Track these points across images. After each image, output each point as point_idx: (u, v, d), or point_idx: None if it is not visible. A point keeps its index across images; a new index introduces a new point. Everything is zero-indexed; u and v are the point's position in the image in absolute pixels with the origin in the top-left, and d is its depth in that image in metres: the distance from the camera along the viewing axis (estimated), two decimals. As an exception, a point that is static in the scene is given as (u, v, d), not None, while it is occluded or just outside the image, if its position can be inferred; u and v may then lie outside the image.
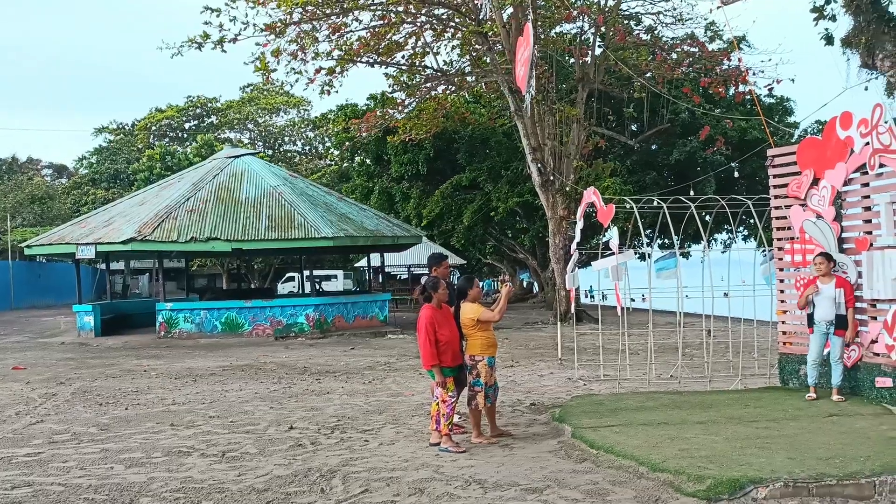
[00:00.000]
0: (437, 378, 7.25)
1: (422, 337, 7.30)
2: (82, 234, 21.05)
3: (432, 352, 7.22)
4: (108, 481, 6.30)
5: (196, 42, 21.18)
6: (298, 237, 20.53)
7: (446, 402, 7.27)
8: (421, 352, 7.35)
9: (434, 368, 7.24)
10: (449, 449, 7.15)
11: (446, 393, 7.27)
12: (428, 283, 7.54)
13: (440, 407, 7.31)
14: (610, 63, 23.61)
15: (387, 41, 23.88)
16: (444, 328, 7.35)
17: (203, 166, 25.10)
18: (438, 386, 7.28)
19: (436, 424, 7.40)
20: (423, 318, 7.32)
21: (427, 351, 7.23)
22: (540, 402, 9.66)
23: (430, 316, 7.31)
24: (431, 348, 7.22)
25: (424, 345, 7.26)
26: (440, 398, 7.31)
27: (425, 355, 7.27)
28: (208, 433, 8.17)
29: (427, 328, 7.23)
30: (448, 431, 7.26)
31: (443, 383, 7.24)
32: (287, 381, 12.25)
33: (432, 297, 7.44)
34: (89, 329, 21.37)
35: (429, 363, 7.25)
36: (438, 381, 7.24)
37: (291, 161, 53.88)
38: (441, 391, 7.28)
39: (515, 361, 14.01)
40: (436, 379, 7.27)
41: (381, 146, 31.76)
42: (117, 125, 57.36)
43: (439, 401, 7.32)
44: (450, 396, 7.27)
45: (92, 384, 12.19)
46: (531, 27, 10.43)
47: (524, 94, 10.98)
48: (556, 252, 23.05)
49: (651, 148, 30.07)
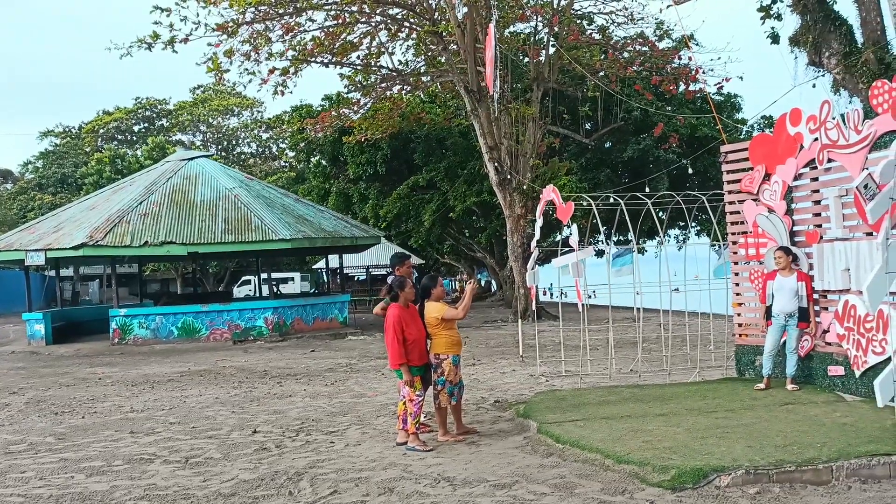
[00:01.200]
0: (404, 377, 7.26)
1: (389, 336, 7.30)
2: (31, 240, 20.51)
3: (400, 351, 7.22)
4: (70, 490, 6.17)
5: (146, 42, 20.80)
6: (256, 239, 20.33)
7: (413, 402, 7.28)
8: (388, 351, 7.34)
9: (402, 367, 7.24)
10: (416, 448, 7.17)
11: (413, 392, 7.28)
12: (395, 282, 7.54)
13: (407, 406, 7.33)
14: (564, 62, 23.86)
15: (341, 41, 23.76)
16: (412, 327, 7.36)
17: (156, 169, 24.67)
18: (406, 385, 7.29)
19: (402, 424, 7.42)
20: (390, 318, 7.32)
21: (395, 350, 7.23)
22: (503, 399, 9.73)
23: (398, 315, 7.31)
24: (399, 347, 7.22)
25: (392, 344, 7.25)
26: (407, 397, 7.32)
27: (393, 354, 7.27)
28: (170, 439, 8.06)
29: (395, 327, 7.23)
30: (415, 430, 7.28)
31: (410, 382, 7.25)
32: (248, 385, 12.13)
33: (399, 297, 7.43)
34: (40, 337, 20.84)
35: (396, 362, 7.26)
36: (406, 380, 7.25)
37: (245, 163, 53.22)
38: (408, 390, 7.29)
39: (477, 360, 14.08)
40: (403, 378, 7.28)
41: (337, 147, 31.57)
42: (63, 128, 55.99)
43: (406, 400, 7.33)
44: (417, 395, 7.29)
45: (45, 393, 11.90)
46: (494, 27, 10.51)
47: (492, 93, 11.06)
48: (514, 250, 23.21)
49: (605, 146, 30.46)
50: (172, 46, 20.69)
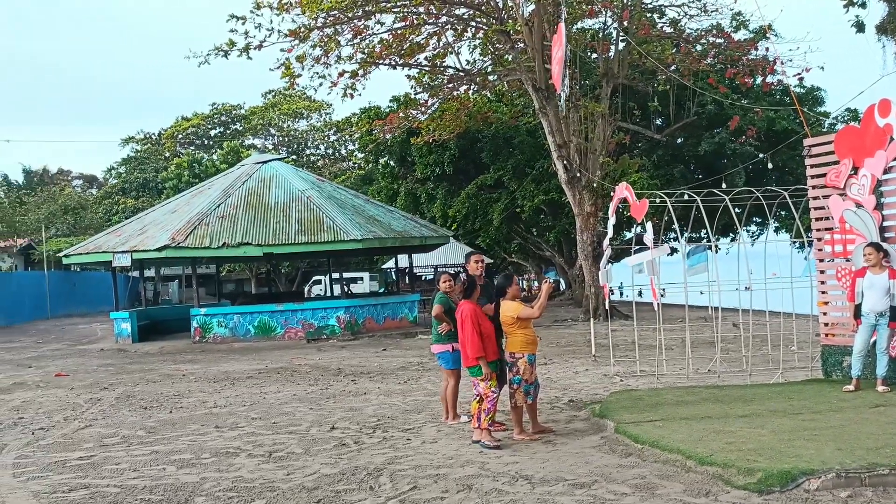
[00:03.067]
0: (483, 371, 7.27)
1: (466, 330, 7.32)
2: (118, 242, 21.38)
3: (479, 344, 7.25)
4: (162, 482, 6.43)
5: (222, 50, 21.42)
6: (328, 240, 20.70)
7: (489, 398, 7.30)
8: (466, 346, 7.36)
9: (480, 361, 7.26)
10: (486, 443, 7.19)
11: (489, 388, 7.30)
12: (469, 279, 7.59)
13: (484, 402, 7.34)
14: (634, 57, 23.51)
15: (408, 42, 23.99)
16: (485, 322, 7.40)
17: (232, 173, 25.38)
18: (484, 380, 7.30)
19: (476, 422, 7.44)
20: (466, 313, 7.36)
21: (474, 343, 7.25)
22: (578, 398, 9.67)
23: (474, 310, 7.36)
24: (478, 341, 7.24)
25: (471, 337, 7.27)
26: (483, 393, 7.34)
27: (473, 348, 7.28)
28: (252, 434, 8.29)
29: (472, 321, 7.27)
30: (487, 426, 7.29)
31: (489, 376, 7.27)
32: (323, 382, 12.36)
33: (473, 293, 7.47)
34: (126, 335, 21.70)
35: (474, 356, 7.27)
36: (485, 374, 7.27)
37: (315, 165, 54.22)
38: (484, 386, 7.31)
39: (548, 359, 14.01)
40: (483, 372, 7.29)
41: (405, 148, 31.86)
42: (144, 135, 58.06)
43: (482, 396, 7.35)
44: (492, 392, 7.31)
45: (134, 389, 12.40)
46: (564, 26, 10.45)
47: (559, 92, 11.00)
48: (584, 249, 22.99)
49: (677, 141, 29.89)
50: (247, 53, 21.26)
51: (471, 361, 7.40)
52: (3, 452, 7.85)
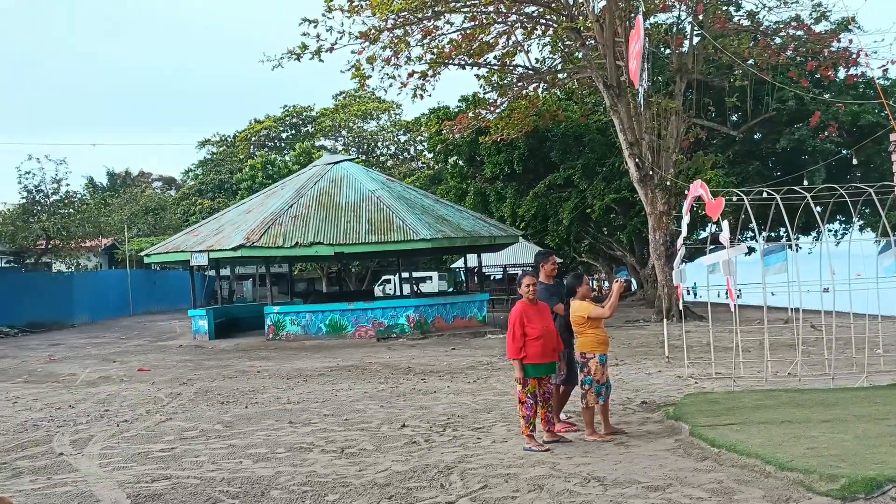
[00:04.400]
0: (516, 373, 7.24)
1: (508, 331, 7.34)
2: (195, 242, 22.07)
3: (514, 346, 7.22)
4: (239, 475, 6.61)
5: (295, 53, 21.87)
6: (398, 240, 20.88)
7: (524, 404, 7.22)
8: (507, 345, 7.39)
9: (515, 362, 7.23)
10: (532, 448, 7.11)
11: (524, 392, 7.21)
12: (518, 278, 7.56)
13: (518, 407, 7.29)
14: (709, 51, 22.97)
15: (478, 42, 24.00)
16: (536, 323, 7.27)
17: (304, 173, 25.87)
18: (517, 382, 7.25)
19: (546, 424, 7.35)
20: (512, 313, 7.36)
21: (509, 346, 7.29)
22: (651, 400, 9.50)
23: (520, 310, 7.30)
24: (514, 343, 7.22)
25: (507, 339, 7.32)
26: (518, 396, 7.28)
27: (508, 349, 7.34)
28: (325, 430, 8.43)
29: (514, 322, 7.23)
30: (529, 432, 7.22)
31: (521, 379, 7.20)
32: (393, 380, 12.47)
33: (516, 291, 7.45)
34: (204, 332, 22.36)
35: (510, 357, 7.29)
36: (517, 377, 7.23)
37: (384, 165, 54.81)
38: (519, 391, 7.24)
39: (620, 360, 13.80)
40: (516, 374, 7.25)
41: (474, 147, 31.91)
42: (220, 137, 59.77)
43: (518, 399, 7.28)
44: (528, 397, 7.20)
45: (211, 384, 12.78)
46: (642, 20, 10.29)
47: (637, 87, 10.84)
48: (656, 248, 22.57)
49: (754, 137, 29.04)
50: (319, 56, 21.65)
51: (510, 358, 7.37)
52: (90, 443, 8.20)
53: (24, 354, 20.22)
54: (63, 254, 35.22)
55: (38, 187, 33.74)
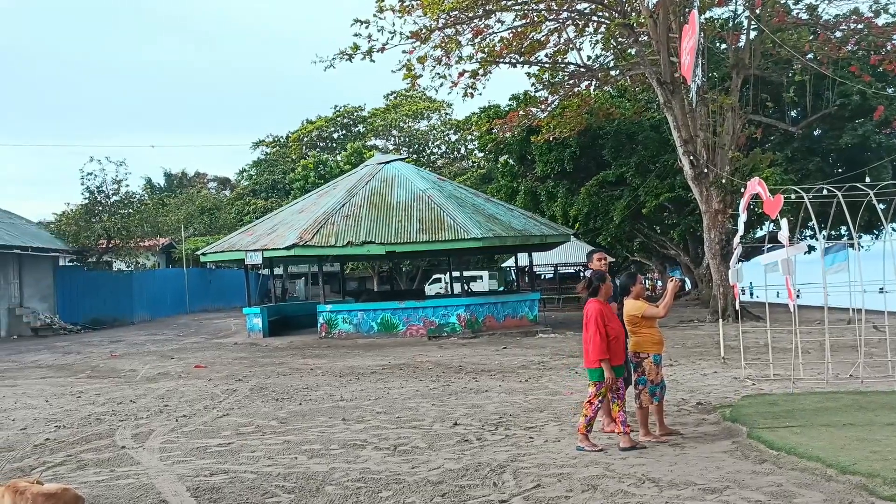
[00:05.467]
0: (606, 375, 7.04)
1: (590, 330, 7.09)
2: (250, 241, 22.47)
3: (603, 346, 7.02)
4: (294, 470, 6.71)
5: (346, 54, 22.09)
6: (448, 238, 20.92)
7: (592, 405, 7.10)
8: (588, 346, 7.14)
9: (603, 363, 7.04)
10: (585, 448, 7.01)
11: (596, 395, 7.09)
12: (594, 275, 7.42)
13: (584, 407, 7.16)
14: (767, 46, 22.44)
15: (529, 40, 23.89)
16: (613, 323, 7.18)
17: (356, 173, 26.11)
18: (605, 384, 7.05)
19: (621, 426, 7.16)
20: (591, 312, 7.15)
21: (597, 345, 7.02)
22: (706, 401, 9.33)
23: (599, 309, 7.16)
24: (602, 342, 7.02)
25: (594, 338, 7.03)
26: (589, 397, 7.14)
27: (595, 349, 7.03)
28: (378, 428, 8.50)
29: (597, 321, 7.07)
30: (586, 431, 7.10)
31: (611, 381, 7.07)
32: (445, 379, 12.50)
33: (599, 291, 7.31)
34: (258, 330, 22.76)
35: (597, 357, 7.02)
36: (606, 378, 7.06)
37: (435, 164, 55.00)
38: (592, 391, 7.11)
39: (675, 360, 13.60)
40: (605, 374, 7.04)
41: (524, 146, 31.77)
42: (273, 138, 60.73)
43: (588, 399, 7.15)
44: (598, 400, 7.10)
45: (266, 381, 13.00)
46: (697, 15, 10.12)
47: (690, 83, 10.68)
48: (711, 247, 22.17)
49: (814, 134, 28.28)
50: (370, 56, 21.82)
51: (592, 363, 7.15)
52: (151, 437, 8.42)
53: (87, 350, 20.88)
54: (123, 253, 36.23)
55: (99, 188, 34.77)
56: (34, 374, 15.75)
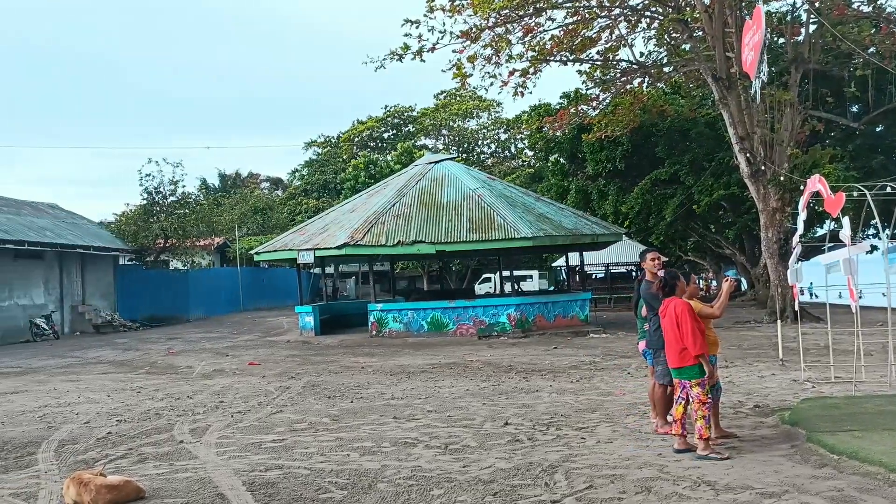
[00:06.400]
0: (706, 369, 6.78)
1: (687, 327, 6.78)
2: (302, 240, 22.77)
3: (702, 342, 6.77)
4: (347, 467, 6.77)
5: (397, 54, 22.20)
6: (498, 238, 20.88)
7: (705, 404, 6.78)
8: (687, 342, 6.78)
9: (702, 359, 6.76)
10: (710, 456, 6.63)
11: (705, 393, 6.80)
12: (668, 275, 7.25)
13: (699, 408, 6.79)
14: (827, 40, 21.82)
15: (580, 37, 23.68)
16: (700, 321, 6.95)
17: (406, 173, 26.25)
18: (700, 384, 6.79)
19: (681, 429, 6.93)
20: (681, 309, 6.89)
21: (698, 341, 6.74)
22: (764, 404, 9.13)
23: (688, 306, 6.92)
24: (702, 337, 6.78)
25: (693, 334, 6.74)
26: (698, 398, 6.80)
27: (696, 345, 6.73)
28: (429, 426, 8.52)
29: (692, 315, 6.81)
30: (708, 435, 6.77)
31: (712, 375, 6.84)
32: (495, 378, 12.48)
33: (675, 289, 7.11)
34: (310, 328, 23.05)
35: (697, 353, 6.74)
36: (708, 373, 6.80)
37: (484, 164, 54.95)
38: (700, 391, 6.80)
39: (730, 362, 13.33)
40: (706, 372, 6.77)
41: (575, 144, 31.52)
42: (324, 138, 61.44)
43: (696, 401, 6.81)
44: (709, 398, 6.83)
45: (318, 378, 13.16)
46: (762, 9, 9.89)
47: (753, 79, 10.44)
48: (769, 246, 21.66)
49: (877, 129, 27.42)
50: (420, 56, 21.90)
51: (687, 360, 6.83)
52: (207, 432, 8.60)
53: (145, 347, 21.45)
54: (179, 252, 37.09)
55: (157, 189, 35.69)
56: (96, 369, 16.24)
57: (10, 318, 26.40)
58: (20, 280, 27.23)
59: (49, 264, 28.75)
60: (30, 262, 27.67)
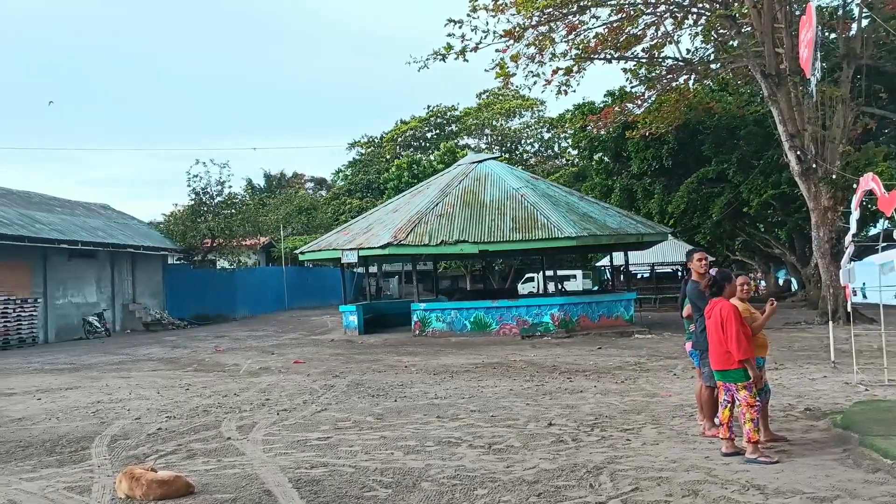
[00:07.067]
0: (751, 374, 6.68)
1: (732, 329, 6.67)
2: (346, 240, 22.97)
3: (748, 345, 6.65)
4: (391, 465, 6.81)
5: (440, 54, 22.23)
6: (542, 237, 20.78)
7: (754, 407, 6.67)
8: (730, 346, 6.69)
9: (747, 363, 6.65)
10: (759, 459, 6.51)
11: (752, 396, 6.68)
12: (720, 275, 7.14)
13: (747, 411, 6.68)
14: (880, 35, 21.24)
15: (625, 35, 23.43)
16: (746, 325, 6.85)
17: (449, 172, 26.28)
18: (747, 387, 6.68)
19: (728, 432, 6.83)
20: (727, 311, 6.78)
21: (744, 345, 6.62)
22: (815, 407, 8.93)
23: (735, 308, 6.82)
24: (748, 341, 6.67)
25: (738, 337, 6.63)
26: (746, 401, 6.69)
27: (742, 349, 6.61)
28: (472, 426, 8.52)
29: (737, 318, 6.71)
30: (757, 438, 6.65)
31: (759, 380, 6.73)
32: (538, 379, 12.42)
33: (724, 290, 7.00)
34: (354, 327, 23.23)
35: (742, 357, 6.63)
36: (754, 377, 6.69)
37: (527, 163, 54.73)
38: (747, 394, 6.68)
39: (780, 364, 13.06)
40: (751, 375, 6.67)
41: (620, 143, 31.21)
42: (368, 139, 61.83)
43: (744, 404, 6.70)
44: (757, 401, 6.72)
45: (362, 377, 13.26)
46: (813, 6, 9.70)
47: (808, 76, 10.23)
48: (820, 246, 21.15)
49: (933, 126, 26.60)
50: (464, 56, 21.89)
51: (731, 364, 6.73)
52: (254, 429, 8.73)
53: (193, 345, 21.87)
54: (226, 251, 37.69)
55: (204, 189, 36.33)
56: (146, 366, 16.61)
57: (64, 315, 27.16)
58: (74, 279, 27.98)
59: (101, 264, 29.49)
60: (83, 262, 28.42)
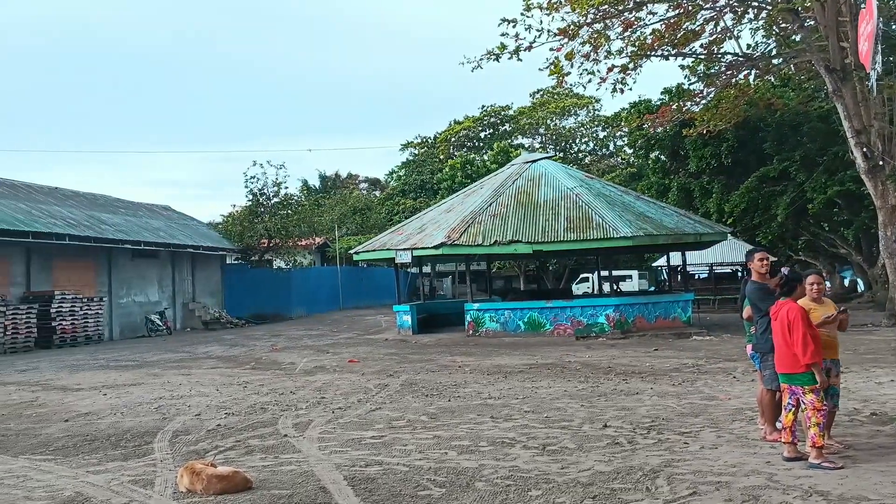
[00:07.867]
0: (818, 378, 6.48)
1: (798, 332, 6.49)
2: (400, 240, 23.11)
3: (815, 348, 6.46)
4: (445, 465, 6.82)
5: (494, 54, 22.15)
6: (597, 237, 20.57)
7: (820, 411, 6.47)
8: (796, 349, 6.52)
9: (814, 367, 6.46)
10: (823, 465, 6.32)
11: (819, 400, 6.48)
12: (792, 274, 6.96)
13: (813, 415, 6.48)
14: (951, 26, 20.41)
15: (682, 31, 22.98)
16: (814, 327, 6.66)
17: (502, 172, 26.21)
18: (814, 391, 6.49)
19: (791, 436, 6.65)
20: (795, 313, 6.60)
21: (810, 346, 6.44)
22: (882, 411, 8.63)
23: (803, 310, 6.64)
24: (816, 344, 6.49)
25: (805, 340, 6.45)
26: (812, 405, 6.49)
27: (809, 353, 6.43)
28: (526, 427, 8.47)
29: (804, 320, 6.53)
30: (822, 443, 6.45)
31: (825, 384, 6.53)
32: (593, 380, 12.29)
33: (795, 290, 6.81)
34: (408, 327, 23.36)
35: (809, 361, 6.44)
36: (820, 381, 6.49)
37: (582, 162, 54.24)
38: (814, 398, 6.49)
39: (846, 367, 12.59)
40: (817, 380, 6.47)
41: (677, 141, 30.67)
42: (421, 139, 62.13)
43: (810, 408, 6.50)
44: (824, 405, 6.51)
45: (416, 377, 13.31)
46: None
47: (869, 71, 9.89)
48: (888, 246, 20.41)
49: None
50: (517, 55, 21.77)
51: (798, 367, 6.55)
52: (310, 427, 8.84)
53: (250, 343, 22.29)
54: (282, 251, 38.32)
55: (261, 190, 37.01)
56: (205, 364, 16.99)
57: (127, 314, 27.98)
58: (137, 278, 28.81)
59: (163, 263, 30.29)
60: (145, 262, 29.24)
